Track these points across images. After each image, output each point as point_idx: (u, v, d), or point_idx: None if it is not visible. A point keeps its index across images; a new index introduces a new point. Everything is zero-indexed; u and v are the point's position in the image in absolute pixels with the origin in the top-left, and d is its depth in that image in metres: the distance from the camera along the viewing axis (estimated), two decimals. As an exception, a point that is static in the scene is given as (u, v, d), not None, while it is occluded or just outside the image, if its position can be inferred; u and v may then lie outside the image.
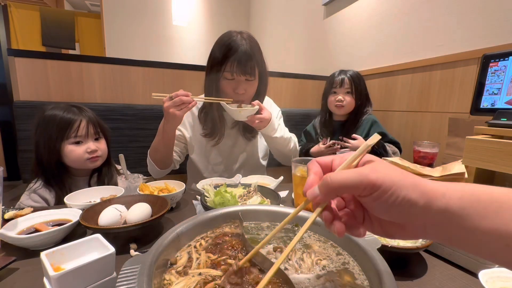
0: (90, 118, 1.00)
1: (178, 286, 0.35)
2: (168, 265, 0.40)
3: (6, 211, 0.69)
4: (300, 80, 2.11)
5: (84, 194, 0.80)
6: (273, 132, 1.12)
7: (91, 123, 1.00)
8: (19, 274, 0.49)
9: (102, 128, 1.05)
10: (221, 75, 1.04)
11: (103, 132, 1.05)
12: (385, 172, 0.28)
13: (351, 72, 1.49)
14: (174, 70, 1.68)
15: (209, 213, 0.51)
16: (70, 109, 0.98)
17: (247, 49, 1.02)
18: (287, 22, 3.30)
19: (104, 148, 1.04)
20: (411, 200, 0.27)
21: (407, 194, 0.27)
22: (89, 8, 5.83)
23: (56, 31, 3.81)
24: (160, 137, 1.04)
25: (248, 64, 1.02)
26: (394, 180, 0.27)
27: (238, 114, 1.00)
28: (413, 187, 0.27)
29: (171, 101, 0.93)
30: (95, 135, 1.01)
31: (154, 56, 3.92)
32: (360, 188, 0.28)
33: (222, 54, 1.02)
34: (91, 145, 0.98)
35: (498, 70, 0.93)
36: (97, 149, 1.00)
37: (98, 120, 1.04)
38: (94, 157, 0.99)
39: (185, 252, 0.43)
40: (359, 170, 0.29)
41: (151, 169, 1.13)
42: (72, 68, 1.45)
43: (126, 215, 0.62)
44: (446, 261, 0.56)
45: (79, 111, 0.99)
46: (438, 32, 1.51)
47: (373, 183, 0.27)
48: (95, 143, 1.01)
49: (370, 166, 0.30)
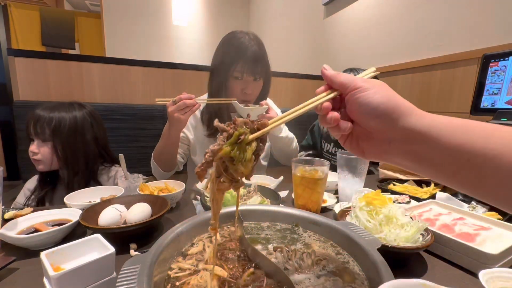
0: (35, 115, 0.93)
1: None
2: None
3: (6, 211, 0.69)
4: (300, 80, 2.11)
5: (84, 194, 0.80)
6: (279, 132, 1.14)
7: (34, 121, 0.92)
8: (19, 274, 0.49)
9: (57, 131, 0.94)
10: (229, 75, 1.05)
11: (56, 136, 0.94)
12: (373, 82, 0.35)
13: (360, 71, 1.49)
14: (174, 70, 1.68)
15: (209, 213, 0.51)
16: (45, 107, 0.96)
17: (256, 50, 1.03)
18: (287, 22, 3.30)
19: (46, 153, 0.94)
20: (381, 106, 0.33)
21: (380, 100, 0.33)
22: (89, 8, 5.83)
23: (56, 31, 3.81)
24: (165, 141, 1.04)
25: (258, 65, 1.04)
26: (374, 88, 0.34)
27: (249, 113, 1.01)
28: (387, 98, 0.33)
29: (175, 105, 0.93)
30: (37, 136, 0.94)
31: (154, 56, 3.92)
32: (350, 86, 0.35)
33: (231, 54, 1.03)
34: (32, 146, 0.94)
35: (498, 70, 0.93)
36: (37, 151, 0.93)
37: (51, 121, 0.93)
38: (34, 160, 0.94)
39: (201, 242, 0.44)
40: (355, 77, 0.36)
41: (155, 172, 1.13)
42: (72, 68, 1.45)
43: (126, 215, 0.62)
44: (446, 261, 0.56)
45: (49, 109, 0.95)
46: (438, 32, 1.50)
47: (358, 85, 0.35)
48: (38, 146, 0.94)
49: (365, 78, 0.37)
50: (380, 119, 0.33)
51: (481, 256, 0.50)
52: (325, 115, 0.37)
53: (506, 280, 0.43)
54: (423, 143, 0.31)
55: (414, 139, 0.32)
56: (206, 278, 0.37)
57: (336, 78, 0.37)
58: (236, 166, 0.32)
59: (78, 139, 0.98)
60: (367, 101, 0.34)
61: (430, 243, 0.53)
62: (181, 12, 4.20)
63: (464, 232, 0.60)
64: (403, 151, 0.34)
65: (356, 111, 0.35)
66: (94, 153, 1.04)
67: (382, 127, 0.34)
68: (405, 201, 0.81)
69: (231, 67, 1.03)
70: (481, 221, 0.65)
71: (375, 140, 0.36)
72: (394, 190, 0.95)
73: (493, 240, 0.57)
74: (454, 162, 0.30)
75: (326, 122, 0.37)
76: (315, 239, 0.49)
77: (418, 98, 1.62)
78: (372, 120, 0.34)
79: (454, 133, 0.30)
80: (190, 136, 1.18)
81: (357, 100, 0.34)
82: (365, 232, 0.45)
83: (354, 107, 0.35)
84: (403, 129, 0.32)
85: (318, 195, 0.73)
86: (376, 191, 0.66)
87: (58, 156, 0.96)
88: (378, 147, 0.36)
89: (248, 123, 0.33)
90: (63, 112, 0.97)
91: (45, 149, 0.94)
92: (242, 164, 0.32)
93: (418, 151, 0.32)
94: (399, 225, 0.57)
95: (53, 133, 0.94)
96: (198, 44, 4.38)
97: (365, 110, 0.34)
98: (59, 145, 0.95)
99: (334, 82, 0.37)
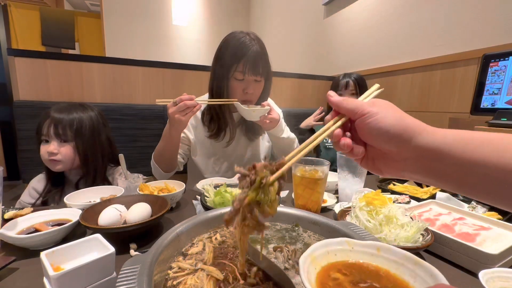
0: (55, 118, 0.94)
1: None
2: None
3: (6, 211, 0.69)
4: (300, 80, 2.11)
5: (84, 194, 0.80)
6: (281, 133, 1.14)
7: (55, 124, 0.94)
8: (19, 274, 0.49)
9: (79, 133, 0.97)
10: (231, 75, 1.05)
11: (78, 137, 0.97)
12: (380, 105, 0.35)
13: (355, 75, 1.54)
14: (174, 70, 1.68)
15: (209, 213, 0.51)
16: (62, 108, 0.97)
17: (258, 50, 1.03)
18: (287, 22, 3.30)
19: (67, 153, 0.96)
20: (391, 129, 0.33)
21: (390, 123, 0.33)
22: (89, 8, 5.83)
23: (56, 31, 3.81)
24: (166, 142, 1.04)
25: (259, 65, 1.03)
26: (382, 112, 0.34)
27: (251, 114, 1.01)
28: (396, 121, 0.34)
29: (175, 106, 0.92)
30: (57, 137, 0.95)
31: (154, 55, 3.92)
32: (358, 112, 0.35)
33: (233, 54, 1.03)
34: (51, 147, 0.94)
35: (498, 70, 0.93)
36: (56, 152, 0.94)
37: (72, 123, 0.96)
38: (53, 160, 0.95)
39: (201, 242, 0.45)
40: (362, 101, 0.37)
41: (155, 172, 1.13)
42: (72, 68, 1.45)
43: (126, 215, 0.62)
44: (446, 261, 0.56)
45: (66, 110, 0.96)
46: (438, 32, 1.50)
47: (365, 110, 0.35)
48: (58, 146, 0.95)
49: (372, 101, 0.37)
50: (392, 141, 0.34)
51: (481, 256, 0.50)
52: (337, 141, 0.37)
53: (506, 280, 0.43)
54: (437, 160, 0.32)
55: (428, 157, 0.32)
56: (203, 278, 0.37)
57: (342, 105, 0.37)
58: (263, 208, 0.33)
59: (96, 139, 1.02)
60: (377, 126, 0.34)
61: (430, 243, 0.53)
62: (181, 12, 4.20)
63: (464, 232, 0.60)
64: (420, 168, 0.34)
65: (368, 136, 0.36)
66: (108, 153, 1.07)
67: (395, 148, 0.34)
68: (405, 201, 0.81)
69: (232, 67, 1.03)
70: (481, 221, 0.66)
71: (390, 159, 0.36)
72: (394, 190, 0.95)
73: (493, 240, 0.57)
74: (471, 175, 0.29)
75: (340, 148, 0.37)
76: (315, 239, 0.49)
77: (418, 98, 1.62)
78: (385, 143, 0.35)
79: (466, 148, 0.30)
80: (191, 137, 1.18)
81: (367, 126, 0.35)
82: (365, 232, 0.45)
83: (365, 132, 0.36)
84: (416, 148, 0.33)
85: (318, 195, 0.73)
86: (376, 191, 0.66)
87: (80, 156, 0.98)
88: (394, 166, 0.37)
89: (267, 166, 0.35)
90: (80, 113, 0.99)
91: (65, 150, 0.96)
92: (268, 206, 0.33)
93: (434, 167, 0.32)
94: (399, 225, 0.57)
95: (76, 134, 0.97)
96: (198, 44, 4.38)
97: (376, 134, 0.35)
98: (81, 146, 0.98)
99: (341, 109, 0.37)
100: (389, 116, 0.34)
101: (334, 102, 0.38)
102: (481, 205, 0.77)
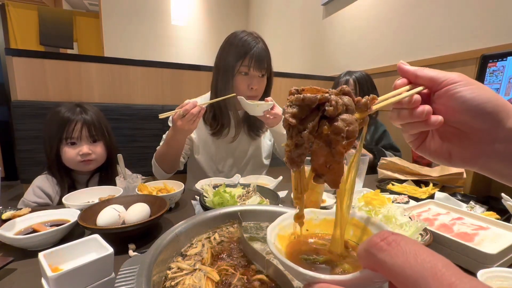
0: (86, 120, 0.98)
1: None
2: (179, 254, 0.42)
3: (4, 211, 0.68)
4: (300, 80, 2.11)
5: (83, 194, 0.79)
6: (284, 129, 1.14)
7: (87, 125, 0.97)
8: (17, 274, 0.49)
9: (103, 130, 1.02)
10: (236, 71, 1.06)
11: (103, 135, 1.02)
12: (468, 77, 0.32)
13: (357, 73, 1.49)
14: (173, 70, 1.68)
15: (208, 213, 0.51)
16: (73, 109, 0.98)
17: (263, 46, 1.07)
18: (286, 22, 3.30)
19: (100, 152, 1.01)
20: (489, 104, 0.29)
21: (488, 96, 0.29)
22: (88, 8, 5.81)
23: (54, 30, 3.80)
24: (170, 147, 1.05)
25: (264, 60, 1.07)
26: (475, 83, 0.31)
27: (255, 109, 1.01)
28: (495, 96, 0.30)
29: (183, 118, 0.92)
30: (90, 138, 0.99)
31: (152, 55, 3.91)
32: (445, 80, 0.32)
33: (238, 50, 1.05)
34: (84, 148, 0.96)
35: (496, 71, 0.94)
36: (90, 152, 0.97)
37: (99, 122, 1.01)
38: (87, 161, 0.97)
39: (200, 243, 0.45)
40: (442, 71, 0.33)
41: (156, 172, 1.13)
42: (70, 68, 1.45)
43: (124, 215, 0.62)
44: (444, 261, 0.56)
45: (80, 112, 0.98)
46: (436, 32, 1.51)
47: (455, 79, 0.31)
48: (90, 146, 0.98)
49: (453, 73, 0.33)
50: (487, 117, 0.30)
51: (480, 255, 0.50)
52: (413, 109, 0.33)
53: (504, 280, 0.43)
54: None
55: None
56: (201, 278, 0.37)
57: (423, 73, 0.33)
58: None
59: (113, 137, 1.07)
60: (471, 96, 0.30)
61: (429, 243, 0.53)
62: (180, 12, 4.19)
63: (463, 232, 0.60)
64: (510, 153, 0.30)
65: (454, 108, 0.31)
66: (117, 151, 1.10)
67: (486, 127, 0.30)
68: (404, 201, 0.81)
69: (238, 62, 1.05)
70: (479, 221, 0.66)
71: (470, 141, 0.32)
72: (393, 190, 0.95)
73: (492, 239, 0.57)
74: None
75: (415, 117, 0.32)
76: (314, 239, 0.49)
77: (417, 98, 1.62)
78: (476, 118, 0.30)
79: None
80: (193, 136, 1.19)
81: (457, 95, 0.30)
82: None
83: (452, 103, 0.31)
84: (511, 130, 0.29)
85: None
86: (375, 191, 0.66)
87: (108, 153, 1.04)
88: (472, 149, 0.32)
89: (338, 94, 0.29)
90: (94, 112, 1.02)
91: (98, 149, 1.00)
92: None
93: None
94: (398, 225, 0.57)
95: (103, 132, 1.02)
96: (197, 44, 4.37)
97: (468, 106, 0.30)
98: (109, 143, 1.04)
99: (421, 77, 0.33)
100: (484, 89, 0.30)
101: (411, 70, 0.33)
102: (480, 205, 0.77)
